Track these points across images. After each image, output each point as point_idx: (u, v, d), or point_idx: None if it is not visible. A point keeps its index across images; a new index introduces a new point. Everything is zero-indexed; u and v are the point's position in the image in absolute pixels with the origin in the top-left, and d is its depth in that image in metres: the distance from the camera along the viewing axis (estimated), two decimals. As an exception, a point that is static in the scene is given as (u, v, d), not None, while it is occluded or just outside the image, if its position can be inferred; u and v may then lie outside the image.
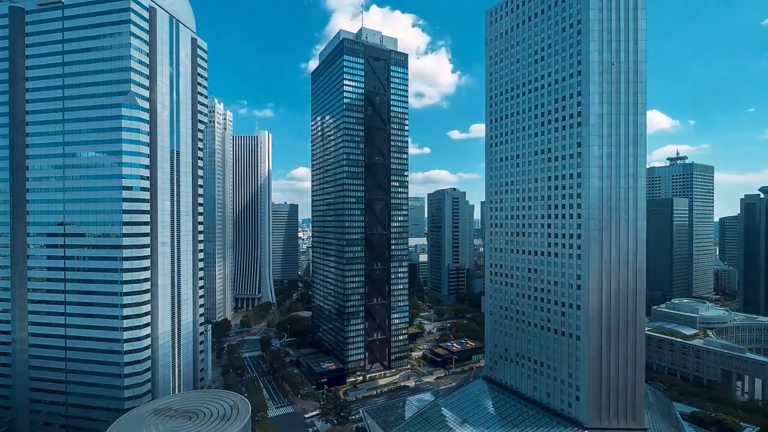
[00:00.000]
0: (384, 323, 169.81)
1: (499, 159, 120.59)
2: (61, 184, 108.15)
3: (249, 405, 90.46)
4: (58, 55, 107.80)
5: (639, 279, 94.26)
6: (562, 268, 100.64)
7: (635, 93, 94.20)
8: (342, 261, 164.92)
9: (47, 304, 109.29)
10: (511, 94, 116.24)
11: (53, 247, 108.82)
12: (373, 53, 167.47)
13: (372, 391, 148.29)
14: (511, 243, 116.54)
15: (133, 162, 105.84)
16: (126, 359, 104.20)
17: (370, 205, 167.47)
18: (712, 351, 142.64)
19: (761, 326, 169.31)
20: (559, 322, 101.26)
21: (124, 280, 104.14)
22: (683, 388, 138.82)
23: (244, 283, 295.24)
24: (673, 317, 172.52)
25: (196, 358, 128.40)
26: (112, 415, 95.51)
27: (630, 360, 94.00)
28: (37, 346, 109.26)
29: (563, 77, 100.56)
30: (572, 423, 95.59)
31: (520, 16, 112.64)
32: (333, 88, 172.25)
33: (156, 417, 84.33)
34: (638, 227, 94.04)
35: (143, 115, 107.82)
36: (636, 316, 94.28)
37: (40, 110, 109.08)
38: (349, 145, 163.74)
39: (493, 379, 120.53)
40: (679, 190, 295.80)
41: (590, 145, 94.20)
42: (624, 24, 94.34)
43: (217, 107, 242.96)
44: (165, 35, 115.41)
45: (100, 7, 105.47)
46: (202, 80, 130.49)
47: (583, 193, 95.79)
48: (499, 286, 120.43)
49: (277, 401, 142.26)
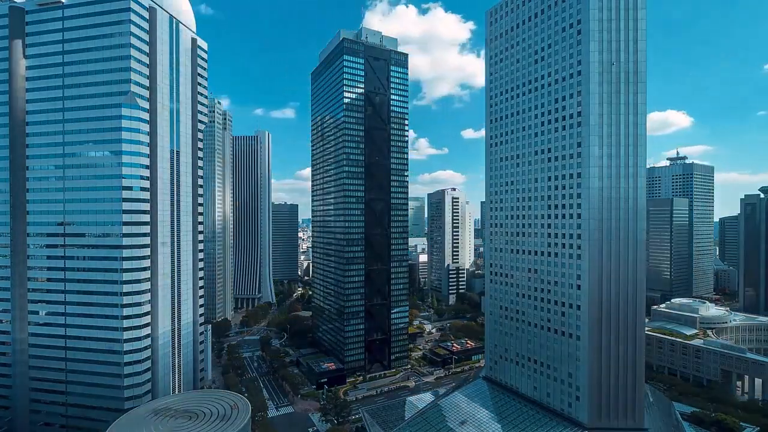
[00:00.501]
0: (384, 323, 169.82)
1: (499, 159, 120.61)
2: (61, 184, 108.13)
3: (249, 405, 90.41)
4: (58, 55, 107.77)
5: (639, 279, 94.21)
6: (562, 268, 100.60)
7: (635, 93, 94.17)
8: (342, 261, 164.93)
9: (47, 304, 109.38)
10: (511, 94, 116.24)
11: (53, 247, 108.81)
12: (373, 53, 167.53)
13: (372, 391, 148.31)
14: (511, 243, 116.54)
15: (133, 162, 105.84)
16: (126, 359, 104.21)
17: (370, 205, 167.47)
18: (712, 351, 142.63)
19: (761, 326, 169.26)
20: (559, 322, 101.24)
21: (124, 280, 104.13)
22: (683, 388, 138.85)
23: (244, 283, 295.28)
24: (673, 317, 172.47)
25: (196, 358, 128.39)
26: (112, 415, 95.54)
27: (630, 360, 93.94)
28: (37, 346, 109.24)
29: (563, 77, 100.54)
30: (572, 423, 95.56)
31: (520, 16, 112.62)
32: (333, 88, 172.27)
33: (156, 417, 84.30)
34: (638, 227, 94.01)
35: (143, 115, 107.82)
36: (636, 316, 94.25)
37: (40, 110, 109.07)
38: (349, 145, 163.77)
39: (493, 379, 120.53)
40: (679, 190, 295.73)
41: (590, 145, 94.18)
42: (624, 24, 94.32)
43: (217, 107, 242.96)
44: (165, 35, 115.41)
45: (100, 7, 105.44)
46: (202, 80, 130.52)
47: (583, 193, 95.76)
48: (499, 286, 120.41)
49: (277, 401, 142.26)
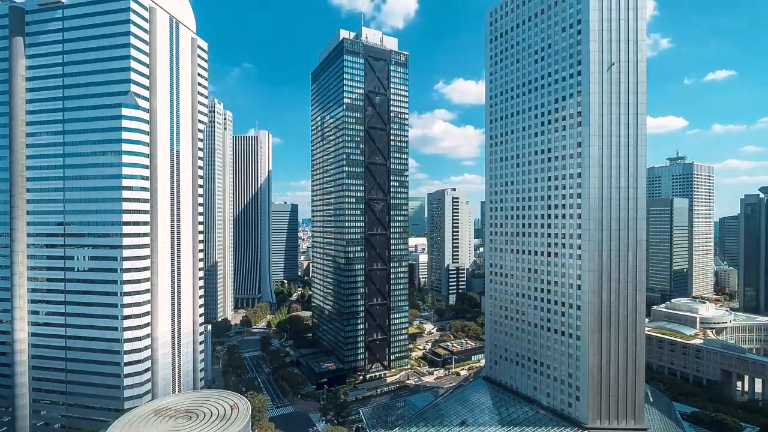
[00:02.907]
0: (384, 323, 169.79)
1: (499, 159, 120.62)
2: (61, 184, 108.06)
3: (249, 405, 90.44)
4: (58, 55, 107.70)
5: (639, 279, 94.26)
6: (562, 268, 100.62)
7: (635, 93, 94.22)
8: (342, 261, 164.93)
9: (47, 304, 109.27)
10: (511, 94, 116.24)
11: (53, 247, 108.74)
12: (373, 53, 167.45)
13: (372, 391, 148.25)
14: (511, 243, 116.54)
15: (133, 162, 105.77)
16: (126, 359, 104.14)
17: (370, 205, 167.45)
18: (712, 351, 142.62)
19: (761, 326, 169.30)
20: (559, 322, 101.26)
21: (124, 280, 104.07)
22: (683, 388, 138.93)
23: (244, 283, 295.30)
24: (673, 317, 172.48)
25: (196, 358, 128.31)
26: (112, 415, 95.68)
27: (630, 360, 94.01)
28: (37, 346, 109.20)
29: (563, 77, 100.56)
30: (572, 423, 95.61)
31: (520, 16, 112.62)
32: (333, 88, 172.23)
33: (156, 417, 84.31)
34: (638, 227, 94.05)
35: (143, 115, 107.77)
36: (636, 316, 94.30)
37: (40, 110, 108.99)
38: (349, 145, 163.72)
39: (493, 379, 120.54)
40: (679, 190, 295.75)
41: (590, 145, 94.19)
42: (624, 24, 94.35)
43: (217, 107, 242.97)
44: (165, 35, 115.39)
45: (100, 7, 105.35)
46: (202, 80, 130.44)
47: (583, 193, 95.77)
48: (499, 286, 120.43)
49: (277, 401, 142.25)
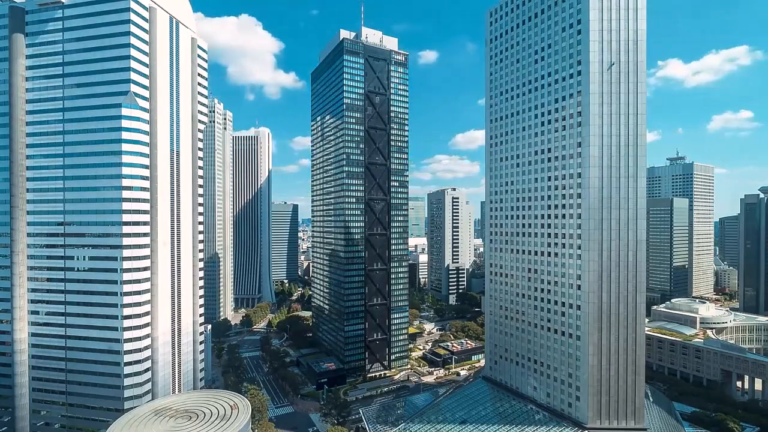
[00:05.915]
0: (384, 323, 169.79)
1: (499, 159, 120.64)
2: (61, 184, 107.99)
3: (249, 405, 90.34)
4: (58, 55, 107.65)
5: (639, 279, 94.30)
6: (562, 268, 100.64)
7: (635, 93, 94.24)
8: (342, 261, 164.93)
9: (47, 304, 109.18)
10: (511, 94, 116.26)
11: (53, 247, 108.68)
12: (373, 53, 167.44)
13: (372, 391, 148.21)
14: (511, 243, 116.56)
15: (133, 162, 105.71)
16: (126, 359, 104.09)
17: (370, 205, 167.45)
18: (712, 351, 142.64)
19: (761, 326, 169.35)
20: (559, 322, 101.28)
21: (124, 280, 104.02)
22: (683, 388, 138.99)
23: (244, 283, 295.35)
24: (673, 317, 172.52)
25: (196, 358, 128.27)
26: (112, 415, 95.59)
27: (630, 360, 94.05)
28: (37, 346, 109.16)
29: (563, 77, 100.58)
30: (572, 423, 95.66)
31: (520, 16, 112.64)
32: (333, 88, 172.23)
33: (156, 417, 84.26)
34: (638, 227, 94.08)
35: (143, 115, 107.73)
36: (636, 316, 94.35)
37: (40, 110, 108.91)
38: (349, 145, 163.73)
39: (493, 379, 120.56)
40: (679, 190, 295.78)
41: (590, 145, 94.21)
42: (624, 24, 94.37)
43: (217, 107, 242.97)
44: (165, 35, 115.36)
45: (100, 7, 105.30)
46: (202, 80, 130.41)
47: (583, 193, 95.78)
48: (499, 286, 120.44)
49: (277, 401, 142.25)
